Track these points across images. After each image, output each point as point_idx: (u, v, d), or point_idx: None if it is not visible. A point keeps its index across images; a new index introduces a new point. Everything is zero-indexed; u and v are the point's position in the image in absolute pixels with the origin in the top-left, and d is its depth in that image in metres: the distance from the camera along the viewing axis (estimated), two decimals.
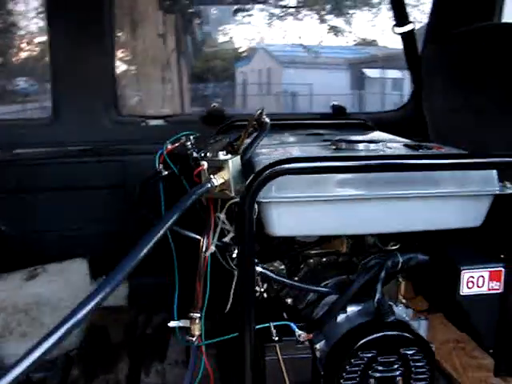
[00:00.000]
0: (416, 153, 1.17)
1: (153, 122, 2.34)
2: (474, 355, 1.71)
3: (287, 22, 18.66)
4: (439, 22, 2.33)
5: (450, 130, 2.02)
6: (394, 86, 18.95)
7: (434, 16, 2.36)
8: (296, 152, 1.24)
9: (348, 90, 21.65)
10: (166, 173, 1.33)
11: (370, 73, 21.32)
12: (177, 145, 1.33)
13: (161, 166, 1.32)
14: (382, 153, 1.15)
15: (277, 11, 17.98)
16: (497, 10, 2.26)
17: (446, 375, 1.64)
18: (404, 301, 1.31)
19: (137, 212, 1.40)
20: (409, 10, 2.32)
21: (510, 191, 1.10)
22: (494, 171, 1.12)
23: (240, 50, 21.56)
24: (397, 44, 2.41)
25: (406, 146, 1.27)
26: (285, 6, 17.84)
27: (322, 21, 19.93)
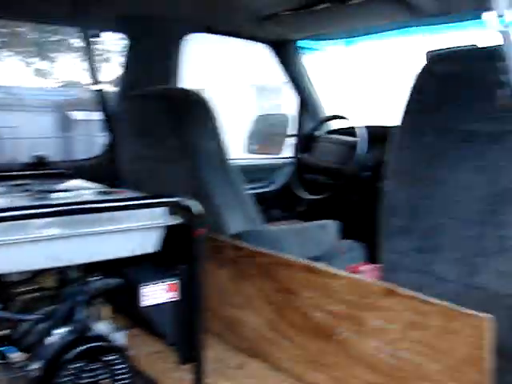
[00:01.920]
0: (102, 198, 1.48)
1: None
2: (171, 361, 2.04)
3: None
4: (128, 82, 2.71)
5: (139, 175, 2.39)
6: (101, 127, 19.27)
7: (124, 76, 2.73)
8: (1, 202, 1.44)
9: (55, 132, 21.32)
10: None
11: (77, 115, 21.32)
12: None
13: None
14: (74, 200, 1.43)
15: None
16: (173, 76, 2.74)
17: (150, 379, 1.94)
18: (106, 319, 1.59)
19: None
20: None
21: (176, 222, 1.46)
22: (165, 208, 1.47)
23: None
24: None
25: (96, 192, 1.56)
26: None
27: (27, 63, 19.44)
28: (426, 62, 1.82)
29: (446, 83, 1.74)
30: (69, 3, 2.34)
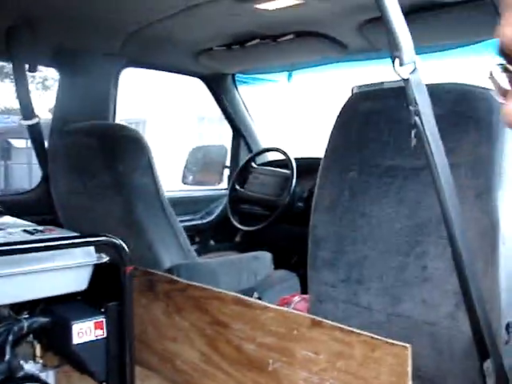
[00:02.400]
0: (30, 238, 1.48)
1: None
2: None
3: None
4: (61, 116, 2.71)
5: (73, 210, 2.39)
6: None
7: (57, 111, 2.74)
8: None
9: None
10: None
11: (17, 143, 20.93)
12: None
13: None
14: (1, 240, 1.43)
15: None
16: (110, 111, 2.76)
17: None
18: (36, 358, 1.58)
19: None
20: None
21: (103, 260, 1.48)
22: (92, 247, 1.49)
23: None
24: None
25: (24, 231, 1.57)
26: None
27: None
28: (348, 99, 1.90)
29: (368, 120, 1.82)
30: (1, 37, 2.35)
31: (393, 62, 1.23)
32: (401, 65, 1.19)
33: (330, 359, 1.61)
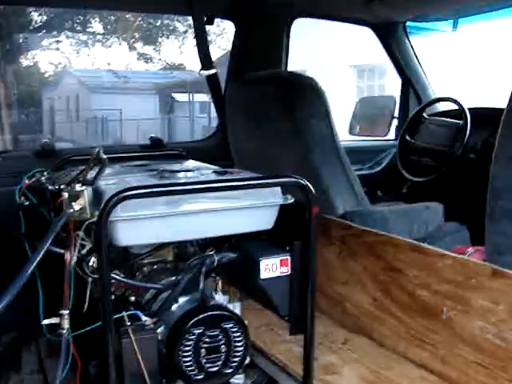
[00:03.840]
0: (221, 177, 1.59)
1: None
2: (279, 334, 2.14)
3: (96, 48, 18.64)
4: (237, 66, 2.81)
5: (250, 156, 2.50)
6: (202, 109, 19.71)
7: (233, 61, 2.85)
8: (131, 181, 1.57)
9: (158, 114, 22.04)
10: (28, 203, 1.61)
11: (179, 97, 21.92)
12: (33, 180, 1.62)
13: (22, 199, 1.60)
14: (196, 179, 1.55)
15: (84, 38, 17.92)
16: (283, 60, 2.82)
17: (259, 349, 2.06)
18: (221, 290, 1.71)
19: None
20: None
21: (289, 201, 1.55)
22: (278, 188, 1.56)
23: (48, 76, 20.98)
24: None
25: (214, 172, 1.68)
26: (93, 33, 17.85)
27: (131, 48, 20.13)
28: None
29: None
30: None
31: None
32: None
33: (509, 310, 1.59)
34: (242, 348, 1.57)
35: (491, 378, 1.64)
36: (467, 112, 2.90)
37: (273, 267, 1.55)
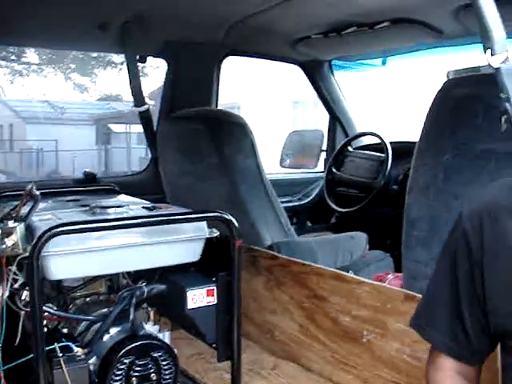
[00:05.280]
0: (150, 213, 1.67)
1: None
2: (211, 362, 2.21)
3: (31, 78, 18.36)
4: (169, 103, 2.91)
5: (181, 189, 2.59)
6: (140, 139, 19.63)
7: (165, 98, 2.94)
8: (63, 217, 1.63)
9: (95, 145, 21.82)
10: None
11: (116, 128, 21.78)
12: None
13: None
14: (126, 214, 1.62)
15: (19, 68, 17.65)
16: (213, 97, 2.94)
17: (191, 378, 2.13)
18: (152, 321, 1.77)
19: None
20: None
21: (214, 235, 1.64)
22: (204, 222, 1.65)
23: None
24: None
25: (143, 207, 1.76)
26: (28, 63, 17.61)
27: (67, 78, 19.94)
28: (443, 84, 1.96)
29: (463, 105, 1.88)
30: (116, 33, 2.56)
31: (484, 51, 1.29)
32: (492, 54, 1.25)
33: None
34: (171, 376, 1.63)
35: None
36: (388, 146, 3.06)
37: (199, 297, 1.63)
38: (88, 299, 1.77)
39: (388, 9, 2.55)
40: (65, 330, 1.68)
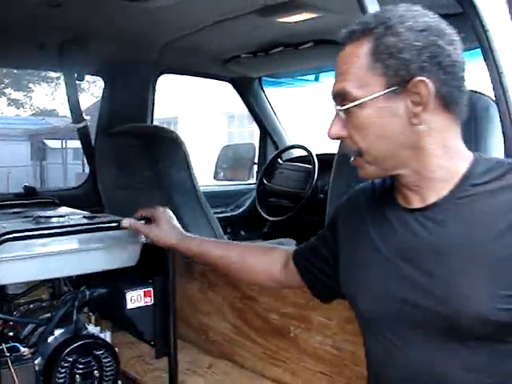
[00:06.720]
0: (90, 221, 1.80)
1: None
2: (151, 363, 2.35)
3: None
4: (106, 118, 3.04)
5: (118, 202, 2.72)
6: (76, 155, 19.43)
7: (102, 114, 3.07)
8: (8, 227, 1.73)
9: (30, 161, 21.44)
10: None
11: (52, 143, 21.47)
12: None
13: None
14: (67, 223, 1.75)
15: None
16: (149, 113, 3.09)
17: (131, 378, 2.26)
18: (94, 323, 1.90)
19: None
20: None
21: (149, 241, 1.79)
22: None
23: None
24: None
25: (84, 217, 1.89)
26: None
27: (0, 93, 19.57)
28: None
29: None
30: (55, 52, 2.67)
31: None
32: None
33: (341, 324, 1.90)
34: (112, 372, 1.76)
35: (332, 383, 1.95)
36: (315, 158, 3.26)
37: (138, 298, 1.78)
38: (31, 306, 1.88)
39: (311, 32, 2.75)
40: (11, 334, 1.78)
